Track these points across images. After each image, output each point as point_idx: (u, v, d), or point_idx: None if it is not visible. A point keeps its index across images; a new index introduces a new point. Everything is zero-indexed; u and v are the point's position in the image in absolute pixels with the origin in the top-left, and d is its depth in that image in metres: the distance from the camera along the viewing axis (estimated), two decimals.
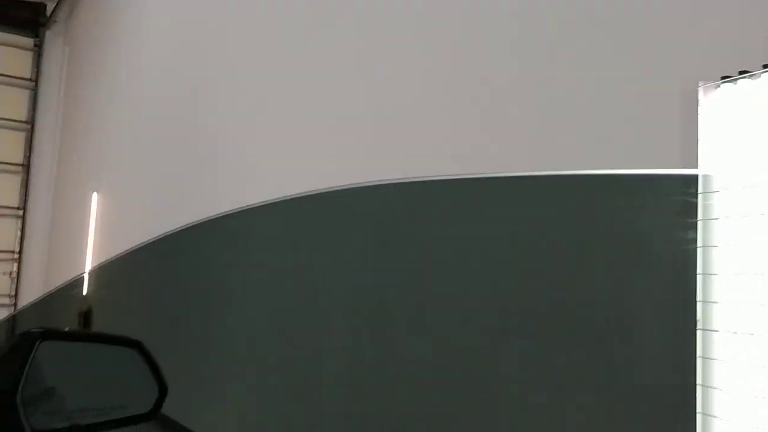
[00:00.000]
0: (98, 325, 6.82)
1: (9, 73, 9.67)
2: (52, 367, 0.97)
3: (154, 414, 1.06)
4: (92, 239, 7.55)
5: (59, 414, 0.99)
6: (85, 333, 1.01)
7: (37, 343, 0.94)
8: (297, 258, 3.42)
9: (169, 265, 5.12)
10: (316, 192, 3.27)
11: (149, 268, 5.55)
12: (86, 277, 7.45)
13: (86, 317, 7.05)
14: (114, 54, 7.78)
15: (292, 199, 3.44)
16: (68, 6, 9.61)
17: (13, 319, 9.53)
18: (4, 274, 9.56)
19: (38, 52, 9.91)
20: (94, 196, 7.63)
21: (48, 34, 9.95)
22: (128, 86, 7.15)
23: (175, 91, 5.69)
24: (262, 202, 3.75)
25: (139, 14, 6.99)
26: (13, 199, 9.68)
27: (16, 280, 9.64)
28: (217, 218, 4.29)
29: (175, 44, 5.87)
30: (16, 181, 9.72)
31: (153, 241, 5.29)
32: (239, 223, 4.00)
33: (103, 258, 7.09)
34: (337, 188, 3.05)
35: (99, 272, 7.16)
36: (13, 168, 9.69)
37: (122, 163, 6.98)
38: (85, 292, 7.35)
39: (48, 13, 9.85)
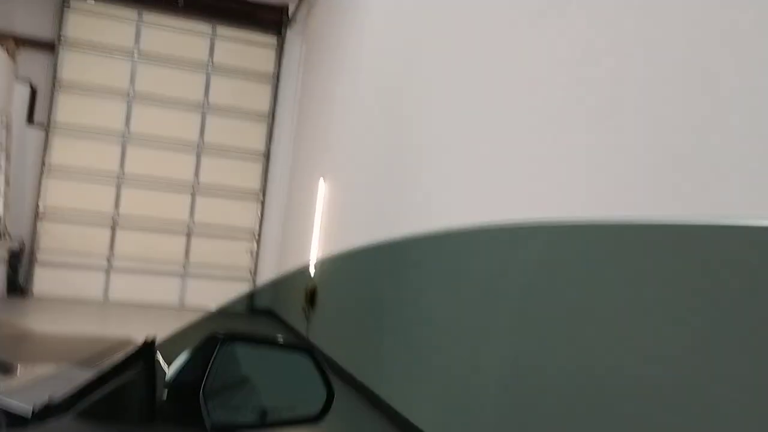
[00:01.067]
0: (320, 303, 7.32)
1: (256, 70, 10.74)
2: (231, 367, 1.04)
3: (322, 416, 1.09)
4: (319, 222, 8.13)
5: (235, 410, 1.06)
6: (262, 337, 1.07)
7: (220, 344, 1.01)
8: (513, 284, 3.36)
9: (380, 268, 5.33)
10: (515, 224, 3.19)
11: (367, 264, 5.84)
12: (313, 259, 8.04)
13: (312, 295, 7.62)
14: (338, 51, 8.26)
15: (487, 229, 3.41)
16: (306, 6, 10.37)
17: (251, 294, 10.61)
18: (246, 251, 10.67)
19: (280, 49, 10.85)
20: (321, 181, 8.19)
21: (289, 33, 10.85)
22: (350, 81, 7.54)
23: (389, 87, 5.87)
24: (465, 227, 3.77)
25: (361, 15, 7.33)
26: (256, 184, 10.75)
27: (255, 257, 10.71)
28: (426, 237, 4.37)
29: (390, 41, 6.06)
30: (258, 167, 10.78)
31: (373, 245, 5.58)
32: (449, 243, 4.05)
33: (329, 240, 7.60)
34: (534, 222, 2.95)
35: (325, 258, 7.68)
36: (256, 156, 10.75)
37: (344, 152, 7.39)
38: (312, 272, 7.95)
39: (290, 13, 10.73)
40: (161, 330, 7.85)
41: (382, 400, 4.75)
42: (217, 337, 1.02)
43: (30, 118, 9.80)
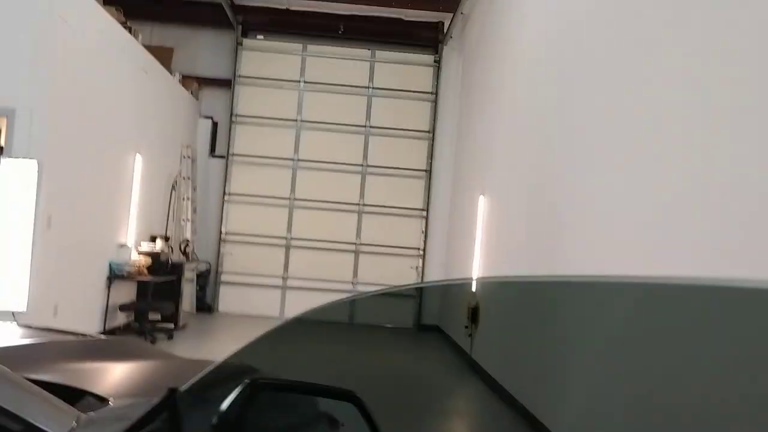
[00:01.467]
0: (482, 322, 7.19)
1: (414, 89, 10.89)
2: (273, 415, 1.02)
3: None
4: (480, 239, 8.02)
5: None
6: (302, 384, 1.04)
7: (255, 391, 0.99)
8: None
9: (534, 301, 5.10)
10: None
11: (522, 294, 5.63)
12: (475, 275, 7.95)
13: (474, 313, 7.52)
14: (495, 64, 8.11)
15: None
16: (461, 21, 10.35)
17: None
18: (412, 267, 10.80)
19: (437, 66, 10.91)
20: (482, 198, 8.09)
21: (445, 49, 10.89)
22: (507, 96, 7.37)
23: (549, 101, 5.63)
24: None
25: (516, 27, 7.16)
26: (419, 202, 10.87)
27: (421, 273, 10.79)
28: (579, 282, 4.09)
29: (548, 52, 5.84)
30: (421, 185, 10.90)
31: (528, 280, 5.36)
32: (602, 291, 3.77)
33: (489, 258, 7.47)
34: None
35: (485, 279, 7.56)
36: (418, 174, 10.88)
37: (503, 169, 7.23)
38: (474, 289, 7.84)
39: (445, 29, 10.75)
40: (337, 347, 8.14)
41: (544, 427, 4.53)
42: (256, 383, 1.00)
43: (212, 150, 10.71)
